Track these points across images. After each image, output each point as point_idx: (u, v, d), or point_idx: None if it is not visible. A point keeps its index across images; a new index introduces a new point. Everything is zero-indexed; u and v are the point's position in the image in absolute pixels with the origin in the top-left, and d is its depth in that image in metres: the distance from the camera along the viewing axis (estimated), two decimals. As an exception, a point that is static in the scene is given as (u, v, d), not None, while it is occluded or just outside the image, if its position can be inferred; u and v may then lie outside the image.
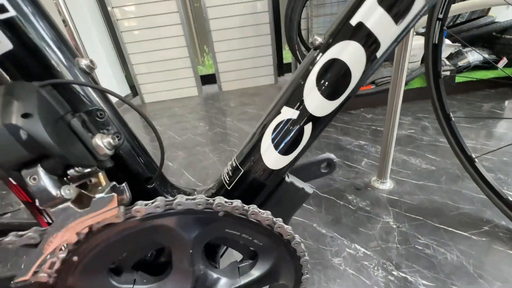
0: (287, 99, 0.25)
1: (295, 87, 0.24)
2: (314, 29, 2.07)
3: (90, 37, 1.87)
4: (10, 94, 0.17)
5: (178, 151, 1.28)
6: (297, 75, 0.24)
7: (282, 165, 0.27)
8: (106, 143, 0.22)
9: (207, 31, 2.01)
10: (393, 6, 0.20)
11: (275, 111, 0.25)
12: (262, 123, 0.26)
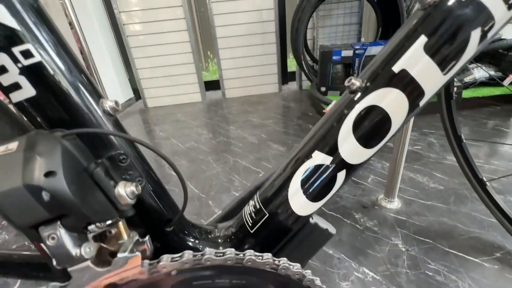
0: (319, 143, 0.23)
1: (328, 130, 0.23)
2: (319, 40, 2.08)
3: (96, 40, 1.87)
4: (32, 148, 0.16)
5: (181, 160, 1.26)
6: (330, 117, 0.23)
7: (310, 211, 0.25)
8: (129, 193, 0.20)
9: (213, 38, 2.01)
10: (441, 54, 0.19)
11: (305, 154, 0.24)
12: (290, 164, 0.25)
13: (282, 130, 1.46)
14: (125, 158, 0.23)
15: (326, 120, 0.24)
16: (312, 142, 0.24)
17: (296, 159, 0.24)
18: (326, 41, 2.10)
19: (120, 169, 0.23)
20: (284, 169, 0.25)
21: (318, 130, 0.24)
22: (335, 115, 0.23)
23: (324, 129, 0.23)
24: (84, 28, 1.74)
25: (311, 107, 1.75)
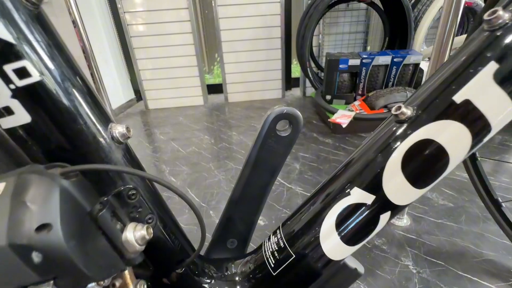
0: (359, 179, 0.20)
1: (370, 164, 0.20)
2: (325, 47, 2.06)
3: (99, 39, 1.84)
4: (22, 193, 0.12)
5: (182, 166, 1.23)
6: (371, 148, 0.20)
7: (344, 255, 0.22)
8: (139, 238, 0.17)
9: (218, 41, 1.99)
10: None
11: (342, 190, 0.21)
12: (322, 198, 0.22)
13: (286, 137, 1.43)
14: (135, 193, 0.20)
15: (366, 151, 0.21)
16: (349, 175, 0.21)
17: (330, 194, 0.21)
18: (332, 49, 2.09)
19: (129, 206, 0.20)
20: (314, 204, 0.22)
21: (357, 162, 0.21)
22: (379, 147, 0.20)
23: (365, 162, 0.20)
24: (88, 27, 1.72)
25: (315, 115, 1.72)
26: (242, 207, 0.35)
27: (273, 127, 0.29)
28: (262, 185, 0.34)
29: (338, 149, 1.29)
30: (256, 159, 0.31)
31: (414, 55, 1.43)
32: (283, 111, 0.28)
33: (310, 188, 1.00)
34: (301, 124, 0.29)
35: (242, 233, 0.37)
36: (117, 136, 0.19)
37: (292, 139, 0.30)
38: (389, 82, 1.52)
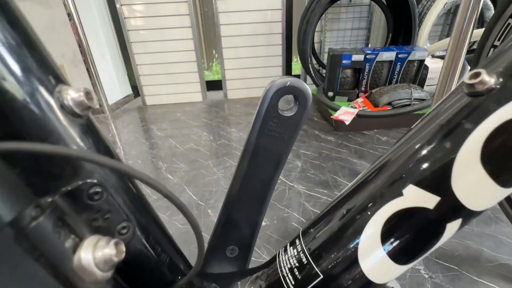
0: (417, 174, 0.15)
1: (433, 154, 0.15)
2: (327, 43, 2.02)
3: (95, 33, 1.79)
4: None
5: (179, 163, 1.18)
6: (433, 131, 0.15)
7: (390, 277, 0.17)
8: (102, 261, 0.12)
9: (218, 36, 1.94)
10: None
11: (390, 189, 0.15)
12: (358, 200, 0.17)
13: (287, 135, 1.38)
14: (100, 191, 0.15)
15: (424, 136, 0.15)
16: (400, 168, 0.15)
17: (372, 194, 0.16)
18: (333, 45, 2.05)
19: (90, 211, 0.14)
20: (348, 206, 0.17)
21: (410, 150, 0.16)
22: (445, 130, 0.14)
23: (424, 150, 0.15)
24: (83, 19, 1.66)
25: (316, 112, 1.68)
26: (242, 208, 0.30)
27: (274, 105, 0.23)
28: (265, 179, 0.28)
29: (340, 146, 1.24)
30: (255, 147, 0.26)
31: (419, 51, 1.39)
32: (286, 84, 0.22)
33: (313, 187, 0.96)
34: (309, 99, 0.23)
35: (244, 238, 0.32)
36: (70, 104, 0.13)
37: (299, 120, 0.24)
38: (393, 78, 1.48)
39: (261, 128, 0.24)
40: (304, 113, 0.24)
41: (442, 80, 0.61)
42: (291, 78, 0.23)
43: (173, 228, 0.81)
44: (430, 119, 0.16)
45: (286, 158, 0.27)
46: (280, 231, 0.78)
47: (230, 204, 0.29)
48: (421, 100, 1.33)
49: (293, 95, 0.23)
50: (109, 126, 1.65)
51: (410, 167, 0.15)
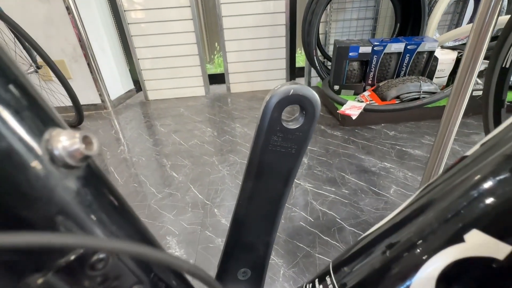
0: (480, 216, 0.12)
1: (499, 188, 0.12)
2: (332, 34, 1.96)
3: (95, 27, 1.75)
4: None
5: (184, 160, 1.17)
6: (497, 158, 0.13)
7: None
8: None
9: (220, 28, 1.89)
10: None
11: (446, 231, 0.13)
12: (407, 241, 0.15)
13: (292, 130, 1.36)
14: (104, 257, 0.12)
15: (489, 163, 0.13)
16: (458, 207, 0.13)
17: (421, 232, 0.14)
18: (339, 36, 1.99)
19: (94, 282, 0.12)
20: (391, 245, 0.15)
21: (468, 181, 0.13)
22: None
23: (489, 185, 0.12)
24: (83, 13, 1.62)
25: (322, 106, 1.64)
26: (251, 229, 0.27)
27: (277, 118, 0.20)
28: (273, 197, 0.25)
29: (347, 142, 1.22)
30: (259, 166, 0.23)
31: (429, 42, 1.35)
32: (289, 93, 0.19)
33: (320, 184, 0.94)
34: (318, 107, 0.20)
35: (256, 260, 0.29)
36: (62, 154, 0.10)
37: (307, 131, 0.21)
38: (401, 71, 1.44)
39: (264, 145, 0.22)
40: (313, 123, 0.21)
41: (462, 71, 0.58)
42: (294, 85, 0.19)
43: (179, 227, 0.81)
44: (496, 142, 0.14)
45: (296, 172, 0.24)
46: (288, 231, 0.77)
47: (237, 226, 0.27)
48: (431, 93, 1.29)
49: (298, 104, 0.20)
50: (112, 122, 1.64)
51: (472, 206, 0.12)
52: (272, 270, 0.66)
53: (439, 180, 0.17)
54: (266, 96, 0.19)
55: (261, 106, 0.20)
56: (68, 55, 1.67)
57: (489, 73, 0.66)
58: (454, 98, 0.62)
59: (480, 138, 0.93)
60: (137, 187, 1.00)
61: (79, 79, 1.73)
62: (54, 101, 1.58)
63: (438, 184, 0.17)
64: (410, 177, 0.95)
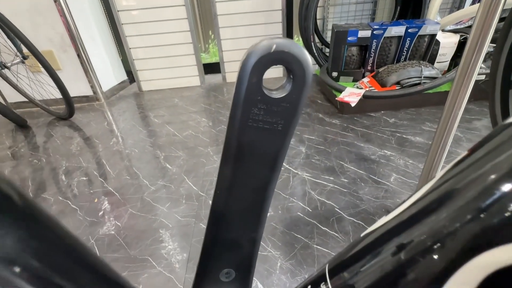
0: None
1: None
2: (329, 19, 1.90)
3: (84, 15, 1.68)
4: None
5: (178, 151, 1.13)
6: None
7: None
8: None
9: (213, 15, 1.82)
10: None
11: (484, 231, 0.10)
12: (421, 238, 0.11)
13: (290, 119, 1.32)
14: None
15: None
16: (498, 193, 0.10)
17: (448, 234, 0.11)
18: (337, 21, 1.92)
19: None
20: (402, 244, 0.12)
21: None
22: None
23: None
24: (70, 1, 1.55)
25: (320, 94, 1.61)
26: (233, 224, 0.23)
27: (257, 83, 0.16)
28: (258, 186, 0.21)
29: (346, 130, 1.19)
30: (238, 146, 0.18)
31: (431, 24, 1.29)
32: (270, 49, 0.15)
33: (318, 174, 0.92)
34: (309, 70, 0.16)
35: (241, 259, 0.26)
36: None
37: (296, 102, 0.17)
38: (401, 55, 1.39)
39: (242, 120, 0.17)
40: (303, 91, 0.17)
41: (468, 53, 0.54)
42: (278, 40, 0.15)
43: (173, 220, 0.78)
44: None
45: (284, 154, 0.20)
46: (285, 222, 0.74)
47: (216, 221, 0.23)
48: (432, 78, 1.25)
49: (283, 65, 0.16)
50: (105, 114, 1.59)
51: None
52: (269, 263, 0.64)
53: (464, 164, 0.14)
54: (243, 54, 0.16)
55: (238, 68, 0.16)
56: (57, 45, 1.61)
57: (497, 53, 0.62)
58: (459, 82, 0.58)
59: (482, 124, 0.90)
60: (130, 180, 0.97)
61: (69, 70, 1.67)
62: (43, 93, 1.53)
63: (464, 169, 0.13)
64: (411, 165, 0.92)
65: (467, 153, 0.15)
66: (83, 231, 0.77)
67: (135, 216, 0.81)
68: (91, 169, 1.06)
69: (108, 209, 0.85)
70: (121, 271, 0.65)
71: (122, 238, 0.74)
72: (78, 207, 0.87)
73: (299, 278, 0.61)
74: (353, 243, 0.16)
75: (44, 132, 1.41)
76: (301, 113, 0.18)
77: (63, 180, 1.01)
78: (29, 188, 0.98)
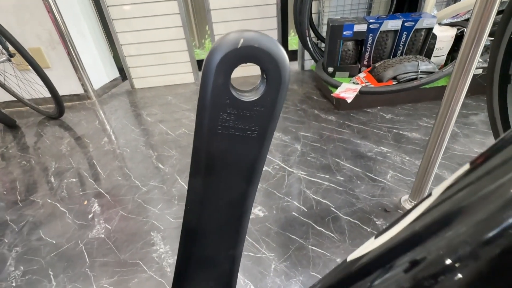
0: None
1: None
2: (325, 13, 1.86)
3: (73, 10, 1.63)
4: None
5: (171, 150, 1.11)
6: None
7: None
8: None
9: (207, 10, 1.78)
10: None
11: None
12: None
13: (284, 116, 1.30)
14: None
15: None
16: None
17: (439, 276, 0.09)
18: (333, 15, 1.89)
19: None
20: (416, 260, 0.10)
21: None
22: None
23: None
24: (57, -5, 1.50)
25: (315, 90, 1.58)
26: (208, 240, 0.21)
27: (224, 84, 0.14)
28: (234, 199, 0.19)
29: (342, 126, 1.17)
30: (207, 156, 0.16)
31: (427, 18, 1.27)
32: (237, 44, 0.13)
33: (314, 172, 0.90)
34: (285, 68, 0.14)
35: (219, 279, 0.23)
36: None
37: (272, 105, 0.15)
38: (398, 50, 1.36)
39: (210, 126, 0.15)
40: (280, 93, 0.14)
41: (465, 47, 0.52)
42: (247, 33, 0.13)
43: (165, 222, 0.76)
44: None
45: (261, 165, 0.18)
46: (279, 222, 0.73)
47: (190, 239, 0.20)
48: (429, 73, 1.23)
49: (254, 63, 0.13)
50: (96, 112, 1.56)
51: None
52: (263, 265, 0.63)
53: (469, 179, 0.12)
54: (208, 52, 0.13)
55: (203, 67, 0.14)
56: (45, 42, 1.56)
57: (495, 47, 0.60)
58: (456, 76, 0.57)
59: (479, 119, 0.88)
60: (121, 181, 0.95)
61: (58, 67, 1.62)
62: (32, 92, 1.49)
63: (470, 185, 0.11)
64: (408, 162, 0.91)
65: (469, 167, 0.13)
66: (72, 235, 0.75)
67: (126, 218, 0.79)
68: (82, 170, 1.03)
69: (98, 212, 0.82)
70: (111, 276, 0.63)
71: (112, 241, 0.72)
72: (67, 210, 0.84)
73: (293, 281, 0.59)
74: (341, 270, 0.14)
75: (33, 132, 1.37)
76: (278, 118, 0.15)
77: (52, 181, 0.98)
78: (17, 190, 0.95)
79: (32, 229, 0.78)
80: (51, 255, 0.70)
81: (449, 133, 0.61)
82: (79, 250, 0.71)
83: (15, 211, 0.86)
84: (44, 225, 0.79)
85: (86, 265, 0.66)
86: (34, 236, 0.76)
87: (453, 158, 0.90)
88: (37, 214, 0.84)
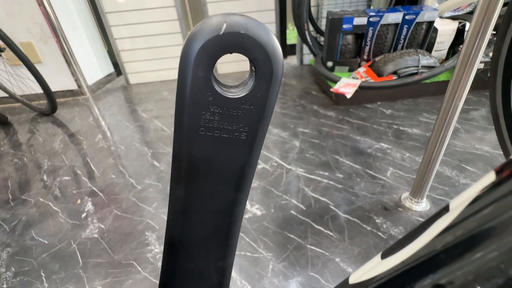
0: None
1: None
2: (324, 6, 1.82)
3: (65, 4, 1.58)
4: None
5: (166, 147, 1.08)
6: None
7: None
8: None
9: (203, 2, 1.74)
10: None
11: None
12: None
13: (283, 112, 1.28)
14: None
15: None
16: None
17: None
18: (332, 8, 1.85)
19: None
20: None
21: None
22: None
23: None
24: (48, -13, 1.46)
25: (314, 85, 1.56)
26: (194, 252, 0.19)
27: (205, 77, 0.12)
28: (222, 208, 0.17)
29: (341, 122, 1.15)
30: (189, 161, 0.15)
31: (429, 11, 1.24)
32: (219, 30, 0.11)
33: (313, 169, 0.88)
34: (277, 59, 0.12)
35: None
36: None
37: (262, 102, 0.13)
38: (398, 44, 1.34)
39: (190, 127, 0.13)
40: (271, 88, 0.12)
41: (470, 40, 0.50)
42: (232, 16, 0.11)
43: (160, 221, 0.74)
44: None
45: (252, 170, 0.16)
46: (277, 221, 0.71)
47: (173, 251, 0.19)
48: (430, 67, 1.21)
49: (241, 53, 0.12)
50: (90, 109, 1.52)
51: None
52: (260, 265, 0.61)
53: (498, 193, 0.10)
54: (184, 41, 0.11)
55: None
56: (36, 36, 1.52)
57: (499, 39, 0.58)
58: (460, 71, 0.54)
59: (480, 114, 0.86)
60: (115, 179, 0.92)
61: (50, 62, 1.58)
62: (24, 88, 1.45)
63: (500, 200, 0.09)
64: (408, 158, 0.89)
65: (496, 178, 0.11)
66: (65, 235, 0.73)
67: (120, 217, 0.77)
68: (75, 168, 1.00)
69: (92, 211, 0.80)
70: (104, 278, 0.62)
71: (106, 241, 0.70)
72: (60, 209, 0.82)
73: (292, 281, 0.58)
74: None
75: (26, 129, 1.34)
76: (270, 117, 0.13)
77: (45, 180, 0.96)
78: (9, 188, 0.93)
79: (23, 229, 0.76)
80: (43, 256, 0.68)
81: (452, 129, 0.60)
82: (72, 250, 0.69)
83: (6, 210, 0.83)
84: (36, 225, 0.77)
85: (79, 266, 0.65)
86: (26, 236, 0.74)
87: (454, 154, 0.89)
88: (29, 213, 0.81)
